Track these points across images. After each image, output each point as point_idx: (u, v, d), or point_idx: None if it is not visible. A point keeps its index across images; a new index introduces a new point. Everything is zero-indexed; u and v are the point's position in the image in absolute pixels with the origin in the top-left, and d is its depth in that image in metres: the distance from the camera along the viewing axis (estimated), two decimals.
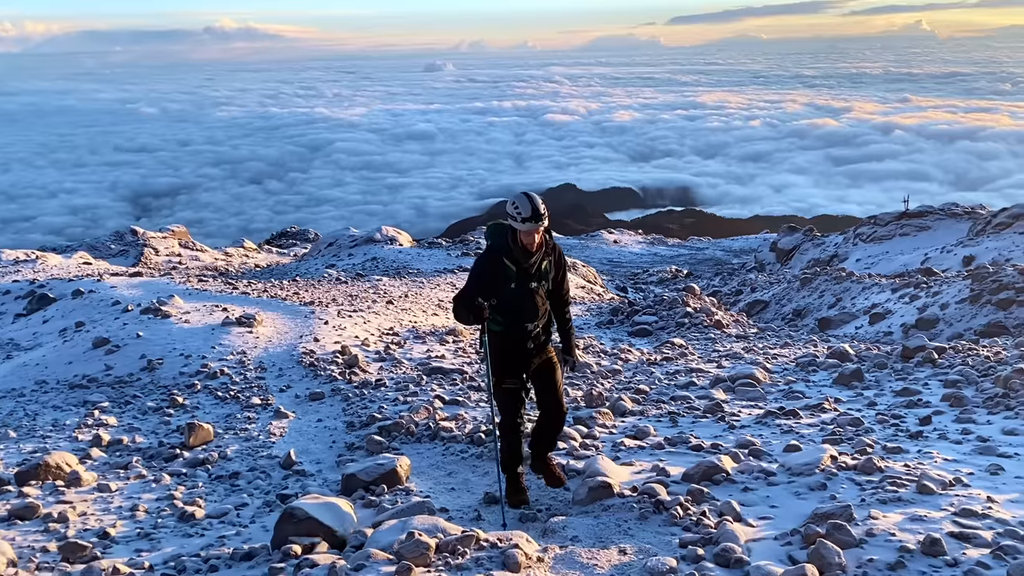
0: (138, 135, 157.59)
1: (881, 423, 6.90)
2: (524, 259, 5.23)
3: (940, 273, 18.61)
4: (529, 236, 5.16)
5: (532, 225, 5.11)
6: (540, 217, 5.11)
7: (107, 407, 8.84)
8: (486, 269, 5.29)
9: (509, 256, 5.24)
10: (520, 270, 5.24)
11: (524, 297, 5.28)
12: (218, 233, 79.30)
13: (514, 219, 5.15)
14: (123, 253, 29.84)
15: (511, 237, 5.24)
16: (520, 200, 5.16)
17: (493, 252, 5.32)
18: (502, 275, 5.23)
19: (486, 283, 5.26)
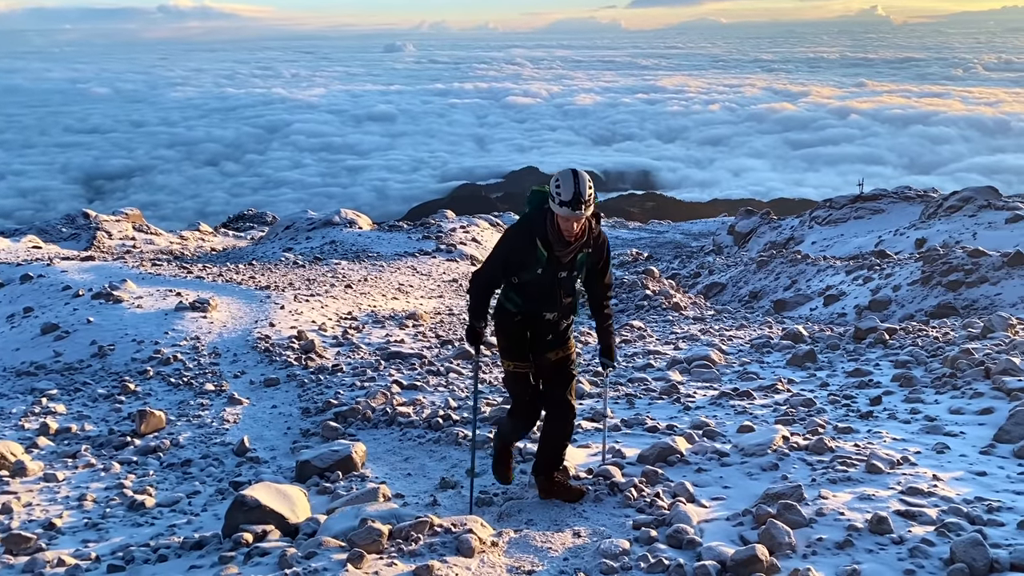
0: (90, 116, 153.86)
1: (833, 403, 7.01)
2: (559, 247, 4.55)
3: (893, 255, 18.95)
4: (568, 224, 4.44)
5: (570, 212, 4.36)
6: (581, 203, 4.36)
7: (55, 395, 8.65)
8: (514, 248, 4.62)
9: (543, 238, 4.54)
10: (551, 257, 4.58)
11: (549, 285, 4.66)
12: (173, 216, 78.01)
13: (552, 199, 4.41)
14: (75, 237, 29.17)
15: (549, 218, 4.52)
16: (563, 177, 4.37)
17: (525, 229, 4.61)
18: (531, 257, 4.57)
19: (511, 263, 4.64)
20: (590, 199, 4.39)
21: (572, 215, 4.38)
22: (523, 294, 4.71)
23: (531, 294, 4.68)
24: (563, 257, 4.59)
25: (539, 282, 4.63)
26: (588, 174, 4.45)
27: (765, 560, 3.82)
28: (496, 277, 4.72)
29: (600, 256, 4.75)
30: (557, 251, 4.56)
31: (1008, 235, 18.47)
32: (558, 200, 4.37)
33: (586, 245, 4.63)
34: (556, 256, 4.58)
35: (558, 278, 4.64)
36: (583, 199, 4.35)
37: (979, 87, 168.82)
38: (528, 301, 4.72)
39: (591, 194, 4.40)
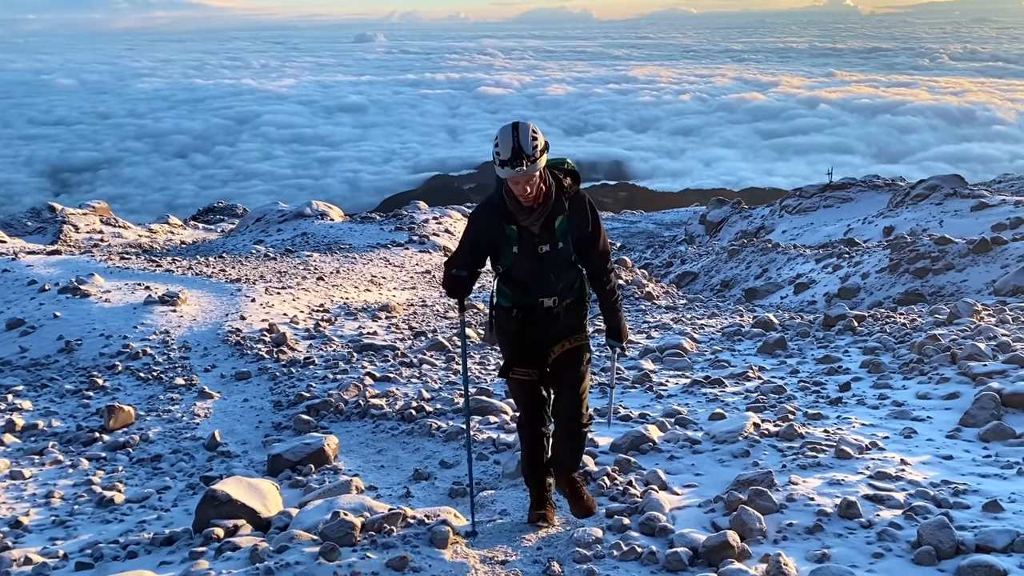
0: (54, 107, 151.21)
1: (803, 390, 7.09)
2: (522, 216, 4.01)
3: (862, 243, 19.18)
4: (518, 186, 3.90)
5: (513, 172, 3.82)
6: (523, 158, 3.79)
7: (22, 391, 8.51)
8: (477, 229, 4.15)
9: (504, 210, 4.04)
10: (521, 231, 4.06)
11: (533, 265, 4.10)
12: (142, 209, 76.90)
13: (494, 162, 3.89)
14: (40, 231, 28.68)
15: (506, 193, 4.00)
16: (501, 134, 3.84)
17: (485, 206, 4.16)
18: (500, 237, 4.08)
19: (480, 247, 4.15)
20: (537, 152, 3.81)
21: (516, 174, 3.82)
22: (511, 282, 4.19)
23: (519, 280, 4.16)
24: (533, 227, 4.03)
25: (522, 264, 4.10)
26: (535, 126, 3.86)
27: (736, 546, 3.85)
28: (467, 263, 4.16)
29: (583, 219, 4.13)
30: (522, 221, 4.02)
31: (973, 223, 18.77)
32: (498, 161, 3.83)
33: (558, 209, 4.06)
34: (526, 228, 4.04)
35: (540, 254, 4.06)
36: (525, 153, 3.78)
37: (945, 77, 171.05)
38: (519, 289, 4.19)
39: (538, 146, 3.82)
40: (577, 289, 4.26)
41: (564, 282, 4.19)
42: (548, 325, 4.23)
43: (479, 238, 4.13)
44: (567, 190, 4.10)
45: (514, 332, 4.25)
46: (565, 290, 4.21)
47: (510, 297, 4.22)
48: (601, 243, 4.22)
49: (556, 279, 4.16)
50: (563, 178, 4.12)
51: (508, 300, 4.24)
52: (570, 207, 4.09)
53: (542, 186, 3.98)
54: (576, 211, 4.11)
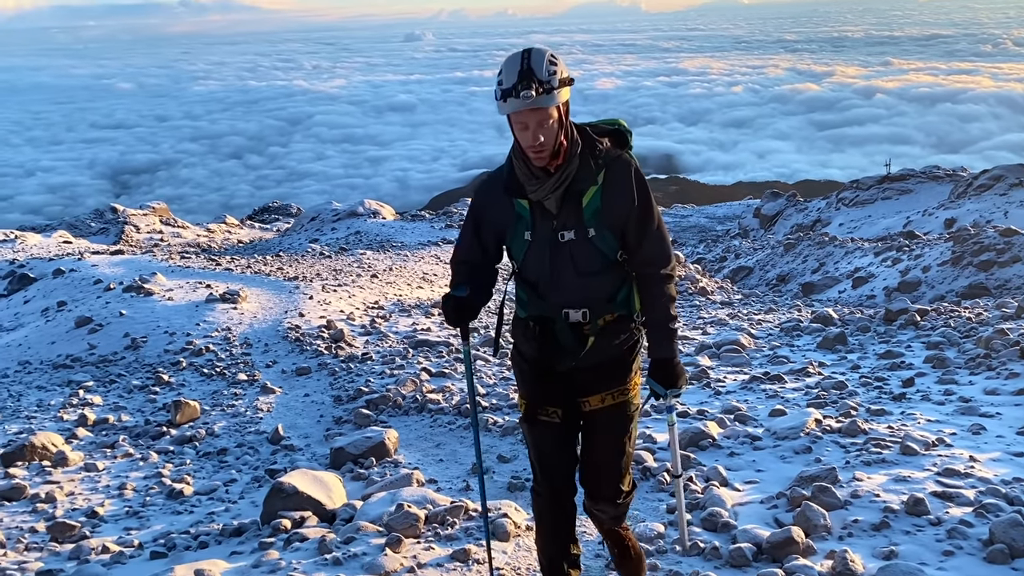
0: (115, 111, 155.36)
1: (865, 386, 6.97)
2: (531, 184, 2.92)
3: (922, 236, 18.74)
4: (525, 131, 2.81)
5: (517, 104, 2.75)
6: (531, 82, 2.73)
7: (92, 386, 8.80)
8: (480, 203, 3.16)
9: (511, 181, 3.00)
10: (534, 208, 2.97)
11: (551, 259, 2.98)
12: (199, 209, 78.55)
13: (496, 99, 2.83)
14: (103, 231, 29.57)
15: (513, 149, 2.98)
16: (506, 61, 2.82)
17: (486, 177, 3.21)
18: (507, 213, 3.04)
19: (485, 233, 3.12)
20: (555, 81, 2.77)
21: (523, 105, 2.74)
22: (525, 282, 3.09)
23: (533, 280, 3.05)
24: (547, 201, 2.93)
25: (536, 256, 3.00)
26: (556, 55, 2.83)
27: (801, 542, 3.82)
28: (470, 247, 3.16)
29: (624, 193, 2.94)
30: (532, 191, 2.92)
31: None
32: (499, 92, 2.79)
33: (585, 177, 2.91)
34: (539, 204, 2.95)
35: (561, 242, 2.95)
36: (536, 77, 2.73)
37: (1009, 63, 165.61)
38: (535, 293, 3.05)
39: (557, 73, 2.78)
40: (622, 302, 3.04)
41: (598, 288, 3.00)
42: (574, 352, 3.01)
43: (482, 220, 3.13)
44: (601, 151, 2.94)
45: (529, 350, 3.10)
46: (600, 300, 3.00)
47: (525, 303, 3.11)
48: (652, 231, 2.99)
49: (584, 282, 2.97)
50: (600, 138, 2.98)
51: (523, 308, 3.12)
52: (606, 176, 2.92)
53: (563, 139, 2.87)
54: (614, 182, 2.92)
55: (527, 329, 3.10)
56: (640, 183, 3.00)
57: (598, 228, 2.95)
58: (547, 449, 3.13)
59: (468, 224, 3.20)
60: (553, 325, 3.04)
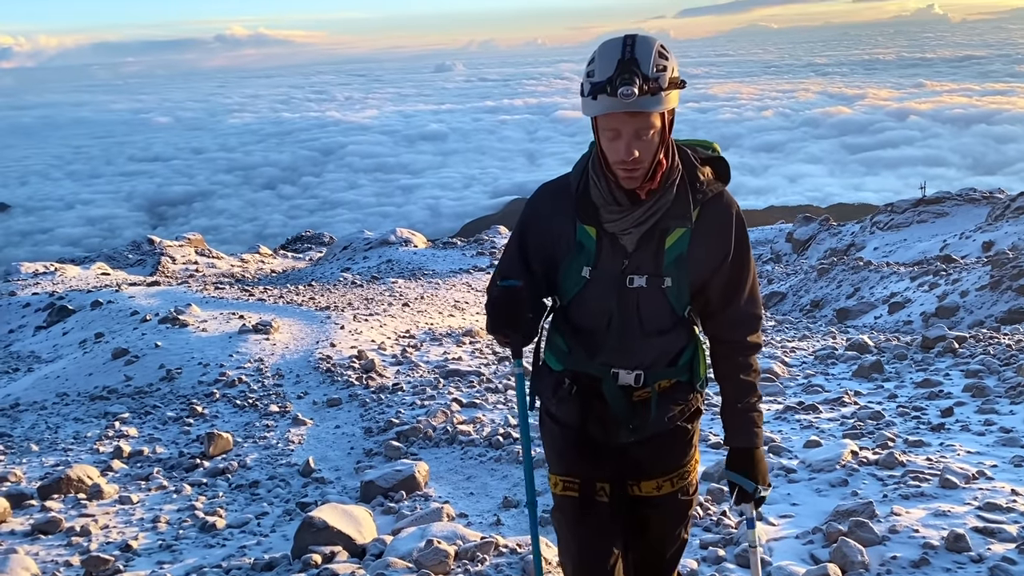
0: (152, 144, 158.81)
1: (902, 416, 6.84)
2: (610, 209, 2.35)
3: (959, 260, 18.44)
4: (618, 140, 2.23)
5: (611, 104, 2.15)
6: (635, 77, 2.12)
7: (127, 418, 8.90)
8: (533, 219, 2.54)
9: (581, 199, 2.41)
10: (603, 240, 2.40)
11: (612, 307, 2.43)
12: (233, 239, 79.73)
13: (584, 93, 2.21)
14: (140, 263, 30.09)
15: (592, 163, 2.40)
16: (602, 48, 2.22)
17: (545, 188, 2.56)
18: (565, 238, 2.46)
19: (532, 255, 2.54)
20: (663, 77, 2.17)
21: (620, 107, 2.14)
22: (569, 328, 2.52)
23: (583, 326, 2.49)
24: (625, 235, 2.35)
25: (593, 299, 2.44)
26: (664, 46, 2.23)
27: None
28: (512, 270, 2.56)
29: (722, 241, 2.42)
30: (610, 221, 2.35)
31: None
32: (589, 86, 2.18)
33: (679, 213, 2.35)
34: (612, 236, 2.38)
35: (629, 287, 2.39)
36: (641, 72, 2.13)
37: None
38: (580, 344, 2.50)
39: (668, 69, 2.19)
40: (684, 367, 2.50)
41: (662, 348, 2.46)
42: (623, 423, 2.47)
43: (532, 242, 2.52)
44: (703, 184, 2.39)
45: (563, 415, 2.54)
46: (660, 363, 2.47)
47: (563, 353, 2.54)
48: (745, 292, 2.47)
49: (649, 340, 2.43)
50: (700, 166, 2.42)
51: (559, 358, 2.56)
52: (700, 216, 2.37)
53: (662, 158, 2.30)
54: (710, 226, 2.39)
55: (559, 386, 2.51)
56: (741, 232, 2.44)
57: (677, 278, 2.38)
58: (589, 542, 2.48)
59: (513, 244, 2.58)
60: (597, 385, 2.47)
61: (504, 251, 2.67)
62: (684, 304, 2.45)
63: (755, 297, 2.52)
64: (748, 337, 2.52)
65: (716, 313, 2.49)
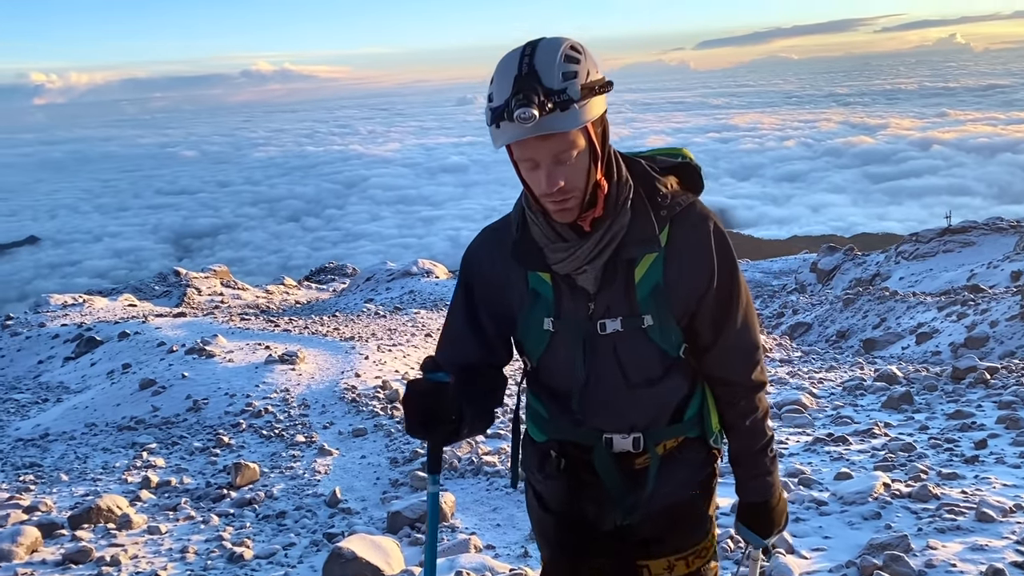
0: (179, 178, 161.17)
1: (934, 448, 6.74)
2: (555, 250, 1.97)
3: (987, 289, 18.23)
4: (533, 169, 1.88)
5: (512, 130, 1.78)
6: (532, 93, 1.73)
7: (155, 448, 8.96)
8: (468, 276, 2.17)
9: (521, 243, 2.03)
10: (559, 284, 2.02)
11: (585, 360, 2.03)
12: (258, 271, 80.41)
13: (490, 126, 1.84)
14: (166, 294, 30.40)
15: (526, 195, 2.01)
16: (501, 64, 1.84)
17: (483, 234, 2.17)
18: (518, 296, 2.07)
19: (479, 311, 2.14)
20: (575, 87, 1.78)
21: (522, 133, 1.77)
22: (545, 391, 2.15)
23: (560, 387, 2.10)
24: (582, 275, 1.97)
25: (564, 354, 2.05)
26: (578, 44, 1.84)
27: None
28: (461, 335, 2.15)
29: (701, 260, 2.00)
30: (558, 261, 1.97)
31: None
32: (489, 114, 1.82)
33: (642, 234, 1.95)
34: (569, 280, 1.99)
35: (602, 334, 1.99)
36: (541, 84, 1.76)
37: None
38: (560, 408, 2.11)
39: (578, 74, 1.79)
40: (692, 420, 2.10)
41: (657, 400, 2.05)
42: (624, 499, 2.07)
43: (478, 297, 2.13)
44: (666, 196, 1.98)
45: (558, 502, 2.16)
46: (660, 419, 2.06)
47: (545, 423, 2.15)
48: (737, 320, 2.04)
49: (638, 394, 2.03)
50: (661, 177, 2.02)
51: (542, 430, 2.16)
52: (671, 236, 1.97)
53: (599, 178, 1.91)
54: (684, 245, 1.98)
55: (546, 461, 2.11)
56: (722, 247, 2.01)
57: (658, 314, 1.96)
58: None
59: (457, 300, 2.15)
60: (588, 456, 2.08)
61: (448, 314, 2.20)
62: (675, 343, 2.01)
63: (750, 324, 2.09)
64: (751, 375, 2.11)
65: (707, 350, 2.07)
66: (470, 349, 2.16)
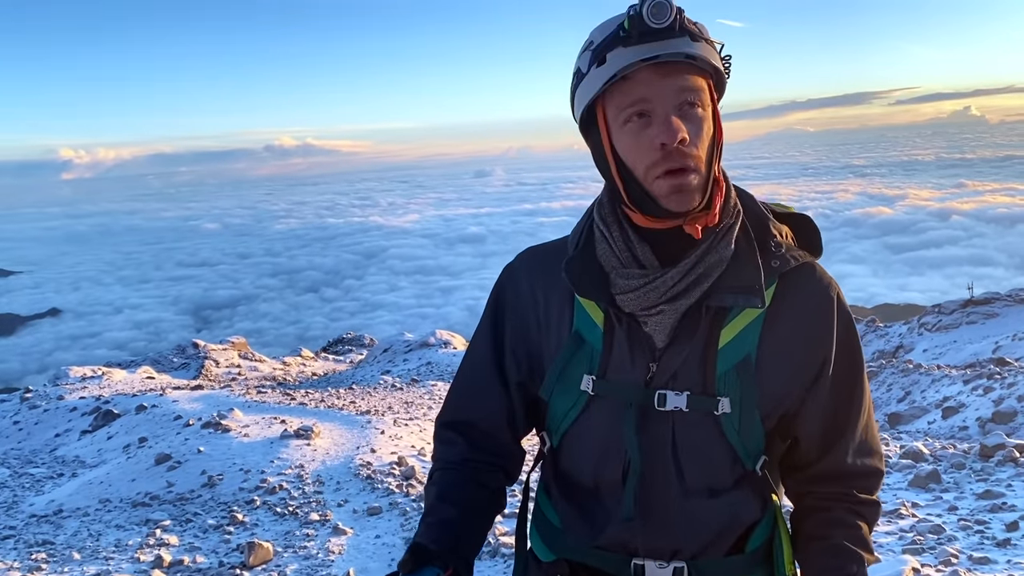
0: (200, 250, 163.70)
1: (964, 529, 6.53)
2: (627, 274, 1.44)
3: (1013, 362, 17.94)
4: (645, 117, 1.36)
5: (634, 51, 1.32)
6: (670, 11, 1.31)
7: (168, 525, 8.84)
8: (500, 304, 1.67)
9: (582, 264, 1.49)
10: (617, 326, 1.47)
11: (632, 442, 1.46)
12: (276, 342, 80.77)
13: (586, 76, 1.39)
14: (185, 366, 30.49)
15: (600, 205, 1.52)
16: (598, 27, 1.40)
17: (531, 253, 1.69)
18: (556, 333, 1.55)
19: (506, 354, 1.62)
20: (706, 34, 1.39)
21: (656, 50, 1.33)
22: (563, 488, 1.63)
23: (583, 481, 1.57)
24: (651, 315, 1.44)
25: (599, 428, 1.52)
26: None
27: None
28: (482, 385, 1.65)
29: (818, 333, 1.48)
30: (626, 291, 1.44)
31: None
32: (595, 53, 1.38)
33: (742, 276, 1.43)
34: (630, 320, 1.47)
35: (659, 410, 1.45)
36: (669, 15, 1.32)
37: None
38: (580, 513, 1.58)
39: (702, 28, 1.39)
40: (756, 555, 1.55)
41: (716, 519, 1.51)
42: None
43: (508, 325, 1.65)
44: (780, 245, 1.50)
45: None
46: (717, 547, 1.53)
47: (557, 536, 1.64)
48: (859, 433, 1.55)
49: (692, 504, 1.49)
50: (776, 224, 1.56)
51: (550, 545, 1.65)
52: (779, 294, 1.48)
53: (717, 172, 1.47)
54: (798, 311, 1.49)
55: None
56: (846, 326, 1.52)
57: (741, 400, 1.45)
58: None
59: (482, 340, 1.67)
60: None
61: (465, 358, 1.71)
62: (754, 449, 1.48)
63: (872, 441, 1.56)
64: (867, 493, 1.57)
65: (806, 467, 1.55)
66: (486, 403, 1.63)
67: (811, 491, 1.58)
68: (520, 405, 1.65)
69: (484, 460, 1.66)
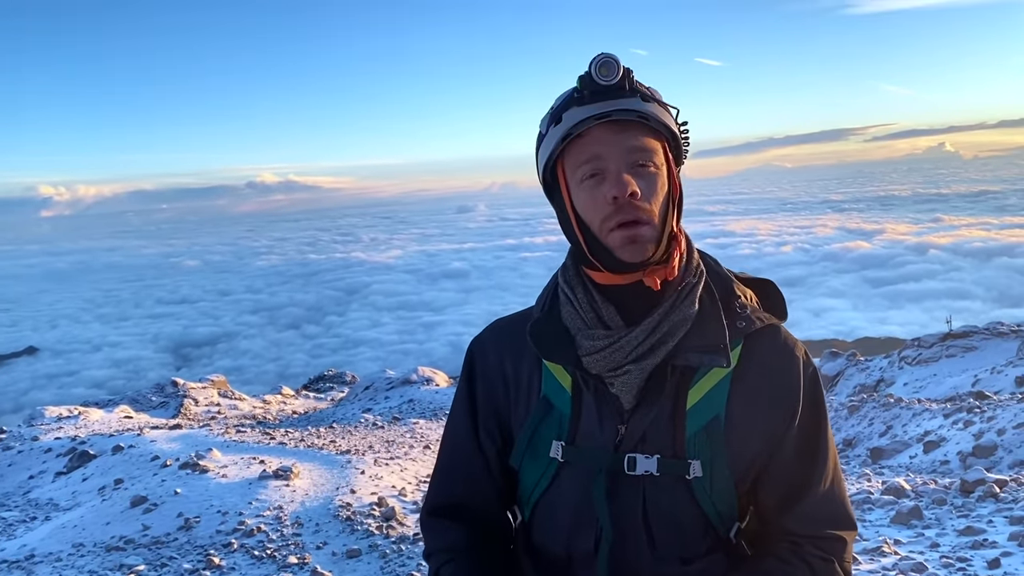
0: (180, 287, 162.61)
1: (947, 567, 6.52)
2: (591, 334, 1.45)
3: (992, 396, 18.07)
4: (598, 174, 1.42)
5: (584, 109, 1.40)
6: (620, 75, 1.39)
7: (143, 571, 8.65)
8: (473, 377, 1.67)
9: (546, 328, 1.52)
10: (585, 389, 1.48)
11: (603, 510, 1.44)
12: (256, 380, 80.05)
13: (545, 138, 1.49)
14: (163, 405, 30.13)
15: (565, 268, 1.60)
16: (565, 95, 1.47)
17: (498, 324, 1.72)
18: (524, 401, 1.56)
19: (480, 432, 1.62)
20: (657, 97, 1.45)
21: (603, 108, 1.39)
22: (534, 561, 1.57)
23: (555, 552, 1.53)
24: (617, 376, 1.44)
25: (569, 497, 1.50)
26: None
27: None
28: (467, 466, 1.63)
29: (784, 395, 1.49)
30: (592, 352, 1.45)
31: None
32: (553, 113, 1.46)
33: (707, 334, 1.45)
34: (598, 382, 1.47)
35: (630, 474, 1.44)
36: (629, 74, 1.39)
37: None
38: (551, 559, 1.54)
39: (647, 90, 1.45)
40: None
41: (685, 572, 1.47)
42: None
43: (480, 396, 1.65)
44: (745, 308, 1.52)
45: None
46: None
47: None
48: (821, 485, 1.51)
49: (664, 573, 1.46)
50: (741, 287, 1.59)
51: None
52: (746, 356, 1.49)
53: (674, 225, 1.48)
54: (764, 371, 1.50)
55: None
56: (812, 386, 1.53)
57: (713, 460, 1.44)
58: None
59: (459, 416, 1.66)
60: None
61: (445, 433, 1.69)
62: (727, 514, 1.46)
63: (839, 492, 1.53)
64: (815, 549, 1.48)
65: (771, 522, 1.51)
66: (473, 482, 1.59)
67: (766, 544, 1.53)
68: (502, 476, 1.63)
69: (486, 538, 1.62)
